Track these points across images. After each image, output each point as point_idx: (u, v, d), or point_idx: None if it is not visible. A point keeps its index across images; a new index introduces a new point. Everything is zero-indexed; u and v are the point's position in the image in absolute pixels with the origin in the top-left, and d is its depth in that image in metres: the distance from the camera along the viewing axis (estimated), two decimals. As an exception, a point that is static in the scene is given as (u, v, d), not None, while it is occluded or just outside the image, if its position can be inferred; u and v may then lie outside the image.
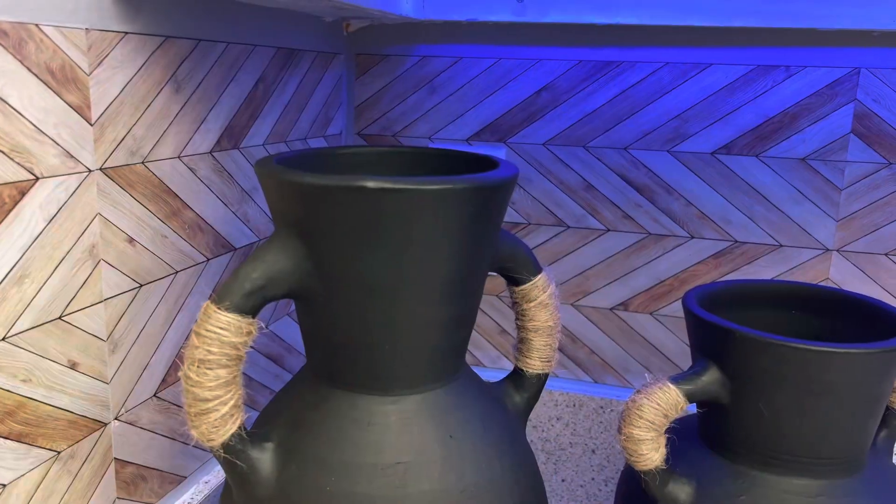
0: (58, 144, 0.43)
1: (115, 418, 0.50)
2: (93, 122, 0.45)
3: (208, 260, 0.58)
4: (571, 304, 0.79)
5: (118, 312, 0.49)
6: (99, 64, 0.45)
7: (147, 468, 0.54)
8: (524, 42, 0.74)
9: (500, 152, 0.78)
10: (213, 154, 0.58)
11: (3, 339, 0.41)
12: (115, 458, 0.50)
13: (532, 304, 0.52)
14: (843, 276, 0.71)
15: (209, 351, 0.41)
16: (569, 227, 0.77)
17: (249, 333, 0.42)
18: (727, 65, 0.70)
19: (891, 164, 0.68)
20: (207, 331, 0.41)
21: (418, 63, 0.78)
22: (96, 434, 0.48)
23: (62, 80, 0.43)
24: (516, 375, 0.54)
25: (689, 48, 0.71)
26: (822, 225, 0.71)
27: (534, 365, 0.53)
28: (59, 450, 0.45)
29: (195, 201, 0.56)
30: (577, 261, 0.78)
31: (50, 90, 0.42)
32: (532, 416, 0.79)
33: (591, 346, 0.79)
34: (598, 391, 0.78)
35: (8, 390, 0.41)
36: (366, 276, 0.42)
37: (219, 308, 0.41)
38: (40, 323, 0.43)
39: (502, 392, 0.53)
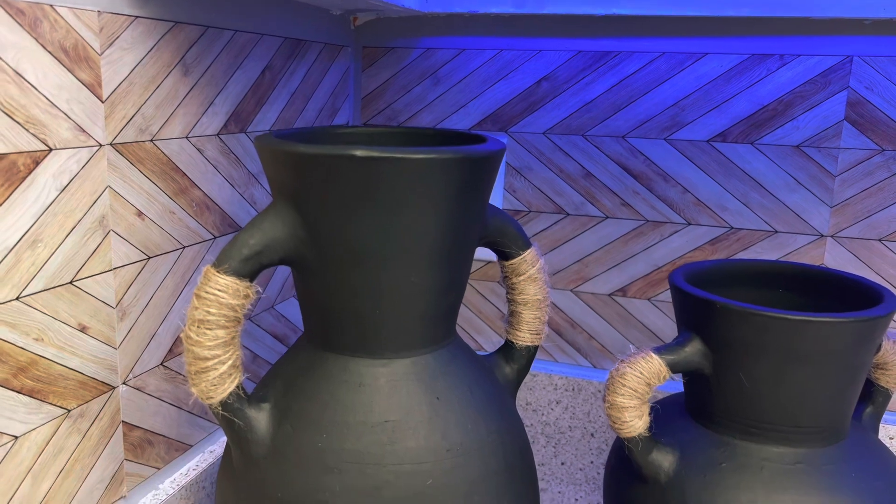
0: (70, 119, 0.46)
1: (123, 383, 0.53)
2: (104, 99, 0.48)
3: (215, 238, 0.61)
4: (571, 291, 0.81)
5: (127, 282, 0.52)
6: (110, 45, 0.48)
7: (154, 434, 0.56)
8: (524, 34, 0.77)
9: (500, 141, 0.80)
10: (221, 136, 0.61)
11: (17, 298, 0.44)
12: (122, 422, 0.53)
13: (521, 278, 0.54)
14: (838, 262, 0.72)
15: (208, 312, 0.44)
16: (568, 214, 0.79)
17: (247, 297, 0.44)
18: (722, 54, 0.72)
19: (884, 150, 0.69)
20: (207, 293, 0.44)
21: (422, 55, 0.80)
22: (105, 396, 0.51)
23: (75, 58, 0.45)
24: (507, 348, 0.56)
25: (685, 38, 0.72)
26: (816, 211, 0.72)
27: (523, 338, 0.55)
28: (69, 408, 0.48)
29: (202, 181, 0.59)
30: (576, 248, 0.79)
31: (63, 67, 0.45)
32: (532, 399, 0.81)
33: (589, 331, 0.81)
34: (597, 375, 0.79)
35: (21, 347, 0.44)
36: (356, 244, 0.44)
37: (218, 271, 0.44)
38: (52, 286, 0.46)
39: (493, 364, 0.55)
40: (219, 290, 0.44)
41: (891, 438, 0.70)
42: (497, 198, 0.81)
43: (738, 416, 0.51)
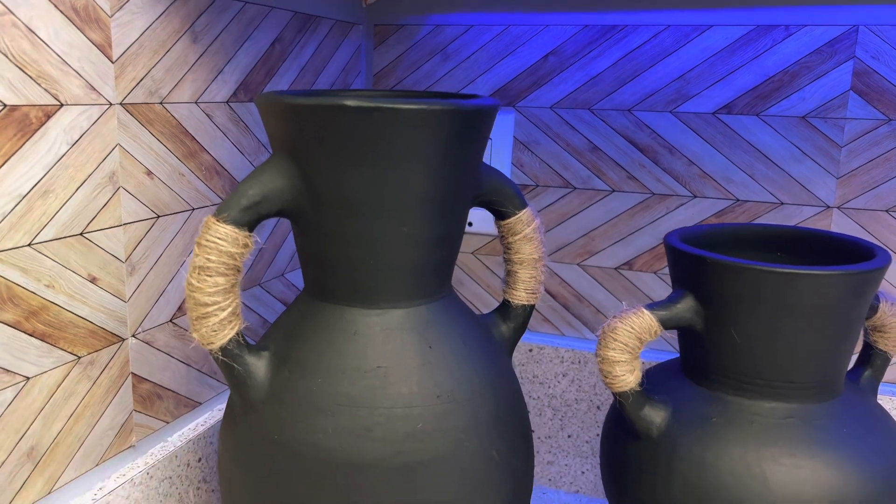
0: (81, 76, 0.48)
1: (133, 335, 0.55)
2: (114, 60, 0.50)
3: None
4: (577, 265, 0.81)
5: (136, 238, 0.54)
6: (120, 7, 0.50)
7: (163, 388, 0.59)
8: (532, 9, 0.78)
9: (509, 116, 0.81)
10: (230, 104, 0.63)
11: (30, 245, 0.46)
12: (132, 373, 0.55)
13: (517, 238, 0.55)
14: (844, 233, 0.72)
15: (208, 259, 0.45)
16: (575, 188, 0.80)
17: (245, 246, 0.46)
18: (727, 26, 0.72)
19: (890, 120, 0.69)
20: (207, 241, 0.45)
21: (432, 32, 0.82)
22: (114, 347, 0.53)
23: (85, 18, 0.48)
24: (504, 307, 0.57)
25: (689, 10, 0.73)
26: (822, 182, 0.72)
27: (519, 297, 0.56)
28: (79, 355, 0.50)
29: (212, 145, 0.61)
30: (582, 221, 0.80)
31: (74, 26, 0.47)
32: (538, 372, 0.82)
33: (596, 305, 0.81)
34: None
35: (33, 292, 0.46)
36: (348, 195, 0.46)
37: (218, 220, 0.45)
38: (63, 236, 0.48)
39: (490, 322, 0.56)
40: (218, 238, 0.45)
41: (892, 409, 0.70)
42: (505, 172, 0.82)
43: (730, 372, 0.51)
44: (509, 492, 0.49)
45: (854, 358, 0.72)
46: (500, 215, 0.55)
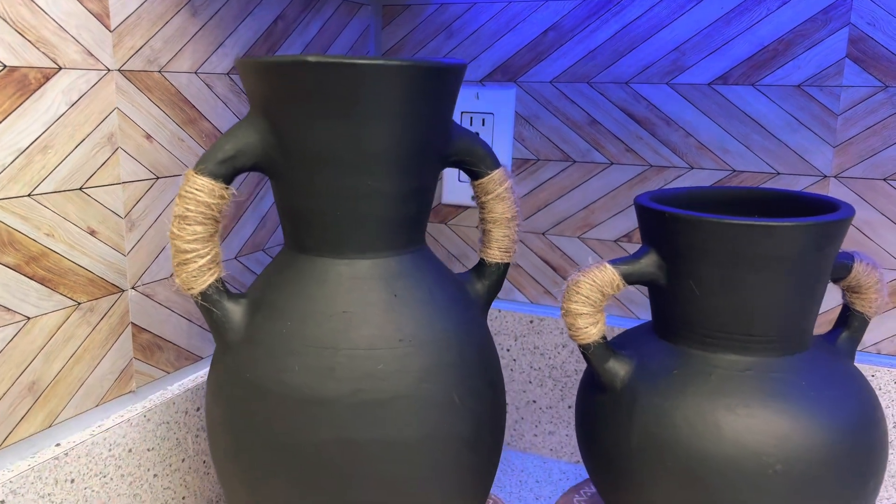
0: (79, 43, 0.52)
1: (132, 287, 0.59)
2: (112, 29, 0.55)
3: (225, 169, 0.67)
4: (578, 237, 0.82)
5: (135, 196, 0.58)
6: (117, -19, 0.54)
7: (163, 339, 0.63)
8: (531, -15, 0.79)
9: (510, 92, 0.83)
10: (231, 76, 0.66)
11: (29, 195, 0.50)
12: (132, 322, 0.60)
13: (490, 197, 0.57)
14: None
15: (187, 209, 0.49)
16: (574, 161, 0.81)
17: (222, 197, 0.50)
18: (722, -4, 0.72)
19: (887, 87, 0.68)
20: (186, 191, 0.49)
21: (437, 10, 0.84)
22: (114, 297, 0.58)
23: (83, -11, 0.52)
24: (479, 266, 0.59)
25: (685, -18, 0.73)
26: (819, 151, 0.71)
27: (493, 255, 0.58)
28: (79, 301, 0.55)
29: (212, 114, 0.65)
30: (582, 194, 0.81)
31: (72, -3, 0.51)
32: (539, 343, 0.83)
33: (596, 276, 0.82)
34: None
35: (33, 239, 0.51)
36: (315, 149, 0.49)
37: (196, 173, 0.49)
38: (62, 189, 0.52)
39: (466, 281, 0.58)
40: (196, 190, 0.49)
41: (872, 376, 0.69)
42: (507, 147, 0.84)
43: (692, 326, 0.52)
44: (469, 435, 0.51)
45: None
46: (473, 175, 0.57)
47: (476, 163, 0.56)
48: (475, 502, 0.55)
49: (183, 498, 0.64)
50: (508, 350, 0.86)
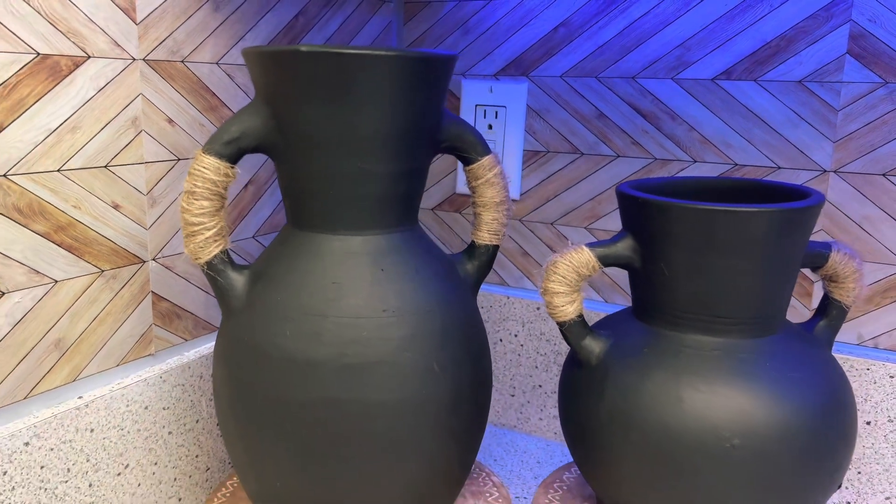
0: (106, 34, 0.58)
1: (153, 259, 0.65)
2: (137, 22, 0.60)
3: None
4: (585, 228, 0.85)
5: (157, 175, 0.64)
6: (144, -22, 0.60)
7: (182, 309, 0.68)
8: (543, -17, 0.82)
9: (522, 86, 0.86)
10: (251, 67, 0.71)
11: (58, 170, 0.56)
12: (152, 291, 0.65)
13: (480, 182, 0.60)
14: (841, 197, 0.72)
15: (195, 185, 0.54)
16: (582, 154, 0.84)
17: (227, 175, 0.54)
18: (726, -7, 0.74)
19: (887, 83, 0.69)
20: (195, 169, 0.54)
21: (455, 7, 0.88)
22: (135, 266, 0.63)
23: (111, -14, 0.57)
24: (470, 247, 0.62)
25: (690, -21, 0.75)
26: (819, 146, 0.72)
27: (483, 237, 0.62)
28: (102, 268, 0.60)
29: (232, 103, 0.70)
30: (589, 186, 0.84)
31: (101, -8, 0.57)
32: (545, 329, 0.86)
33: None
34: (608, 309, 0.83)
35: (62, 210, 0.57)
36: (310, 132, 0.53)
37: (204, 153, 0.54)
38: (89, 166, 0.58)
39: (458, 261, 0.62)
40: (203, 168, 0.54)
41: (867, 370, 0.70)
42: (518, 139, 0.87)
43: (664, 307, 0.54)
44: (449, 400, 0.55)
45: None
46: (465, 161, 0.60)
47: (466, 149, 0.59)
48: (457, 467, 0.59)
49: (196, 456, 0.69)
50: (516, 336, 0.89)
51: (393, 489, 0.55)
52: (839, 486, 0.54)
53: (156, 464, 0.65)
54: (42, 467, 0.55)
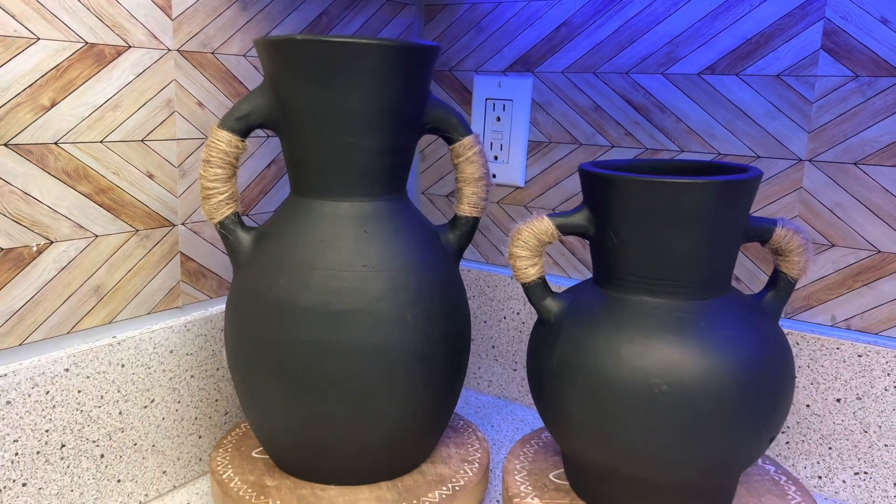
0: (146, 27, 0.68)
1: (182, 224, 0.75)
2: (173, 18, 0.70)
3: (267, 137, 0.81)
4: (583, 213, 0.91)
5: (188, 151, 0.74)
6: (179, -19, 0.70)
7: (208, 270, 0.78)
8: (546, -15, 0.89)
9: (527, 81, 0.93)
10: (276, 60, 0.81)
11: (101, 141, 0.66)
12: (180, 252, 0.75)
13: (461, 160, 0.68)
14: (815, 185, 0.76)
15: (210, 154, 0.63)
16: (581, 144, 0.90)
17: (237, 147, 0.63)
18: (711, -6, 0.79)
19: (858, 76, 0.73)
20: (211, 141, 0.63)
21: (469, 9, 0.96)
22: (166, 229, 0.73)
23: (151, -13, 0.68)
24: (453, 219, 0.70)
25: (678, -19, 0.81)
26: (795, 137, 0.77)
27: (464, 209, 0.69)
28: (137, 228, 0.70)
29: (257, 90, 0.79)
30: (587, 174, 0.90)
31: (141, -8, 0.67)
32: (543, 307, 0.92)
33: (596, 249, 0.90)
34: (599, 288, 0.89)
35: (102, 175, 0.67)
36: (305, 110, 0.61)
37: (219, 128, 0.63)
38: (127, 140, 0.68)
39: (442, 231, 0.69)
40: (218, 140, 0.63)
41: (837, 349, 0.73)
42: (523, 131, 0.94)
43: (615, 271, 0.60)
44: (419, 349, 0.62)
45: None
46: (448, 140, 0.68)
47: (449, 130, 0.67)
48: (433, 412, 0.66)
49: (216, 401, 0.79)
50: (518, 314, 0.96)
51: (371, 427, 0.63)
52: (771, 441, 0.59)
53: (179, 402, 0.74)
54: (79, 391, 0.66)
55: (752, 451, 0.58)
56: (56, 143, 0.63)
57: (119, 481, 0.70)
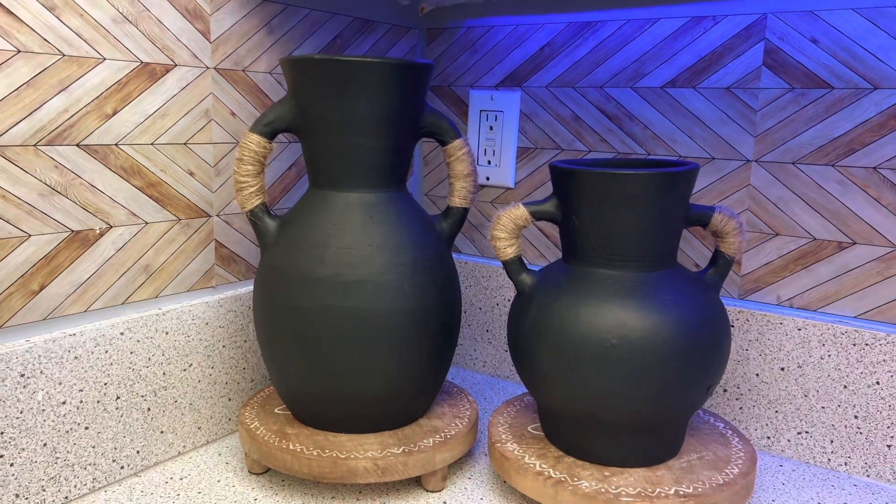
0: (189, 49, 0.81)
1: (217, 215, 0.88)
2: (211, 41, 0.84)
3: (289, 143, 0.95)
4: (565, 210, 1.03)
5: (222, 152, 0.87)
6: (217, 10, 0.83)
7: (238, 256, 0.91)
8: (533, 12, 1.02)
9: (516, 95, 1.06)
10: (296, 76, 0.94)
11: (151, 144, 0.80)
12: (215, 239, 0.88)
13: (452, 159, 0.80)
14: (761, 182, 0.88)
15: (243, 154, 0.76)
16: (562, 149, 1.03)
17: (265, 148, 0.77)
18: (671, 18, 0.92)
19: (794, 88, 0.85)
20: (243, 143, 0.76)
21: (465, 32, 1.09)
22: (203, 219, 0.86)
23: (194, 15, 0.81)
24: (446, 210, 0.82)
25: (644, 7, 0.94)
26: (743, 141, 0.89)
27: (455, 201, 0.81)
28: (179, 217, 0.84)
29: (280, 102, 0.92)
30: (568, 175, 1.02)
31: (186, 20, 0.81)
32: (531, 294, 1.04)
33: (576, 241, 1.02)
34: (579, 276, 1.01)
35: (153, 172, 0.80)
36: (321, 117, 0.74)
37: (250, 131, 0.76)
38: (172, 143, 0.82)
39: (436, 220, 0.82)
40: (249, 142, 0.76)
41: (799, 330, 0.85)
42: (513, 138, 1.06)
43: (577, 249, 0.73)
44: (415, 312, 0.74)
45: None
46: (441, 143, 0.81)
47: (442, 133, 0.80)
48: (427, 370, 0.78)
49: (244, 369, 0.91)
50: (509, 300, 1.07)
51: (375, 380, 0.75)
52: (709, 390, 0.70)
53: (212, 368, 0.87)
54: (131, 353, 0.78)
55: (691, 397, 0.69)
56: (116, 145, 0.76)
57: (162, 433, 0.82)
